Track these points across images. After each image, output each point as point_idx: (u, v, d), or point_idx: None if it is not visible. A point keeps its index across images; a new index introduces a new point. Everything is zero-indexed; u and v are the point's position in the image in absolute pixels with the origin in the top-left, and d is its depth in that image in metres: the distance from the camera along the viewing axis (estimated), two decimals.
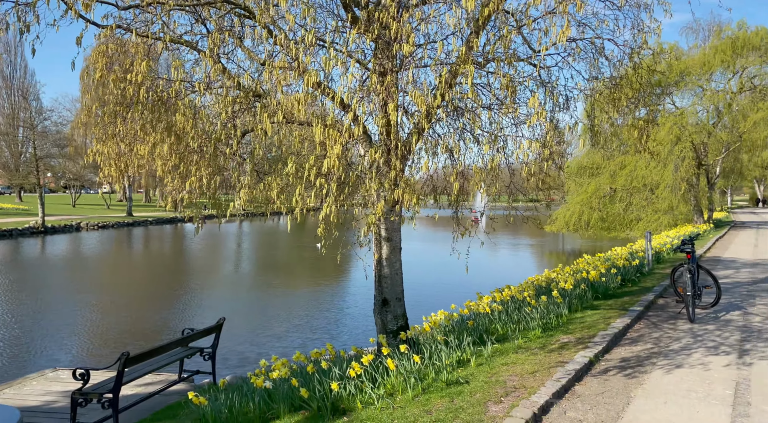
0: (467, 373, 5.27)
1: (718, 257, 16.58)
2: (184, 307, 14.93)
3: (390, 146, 5.84)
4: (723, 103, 31.00)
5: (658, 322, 7.95)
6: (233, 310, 13.93)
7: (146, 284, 19.28)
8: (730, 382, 5.33)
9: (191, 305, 15.07)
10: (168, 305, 15.07)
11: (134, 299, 16.15)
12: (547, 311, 7.57)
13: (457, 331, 6.64)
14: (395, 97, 4.62)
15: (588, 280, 9.78)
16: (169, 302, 15.59)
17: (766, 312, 8.59)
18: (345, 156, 5.22)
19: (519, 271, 20.45)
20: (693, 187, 31.20)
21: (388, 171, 6.05)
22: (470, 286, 12.55)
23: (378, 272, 6.83)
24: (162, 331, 11.83)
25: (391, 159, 4.78)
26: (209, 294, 16.81)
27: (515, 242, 37.26)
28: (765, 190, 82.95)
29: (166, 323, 12.48)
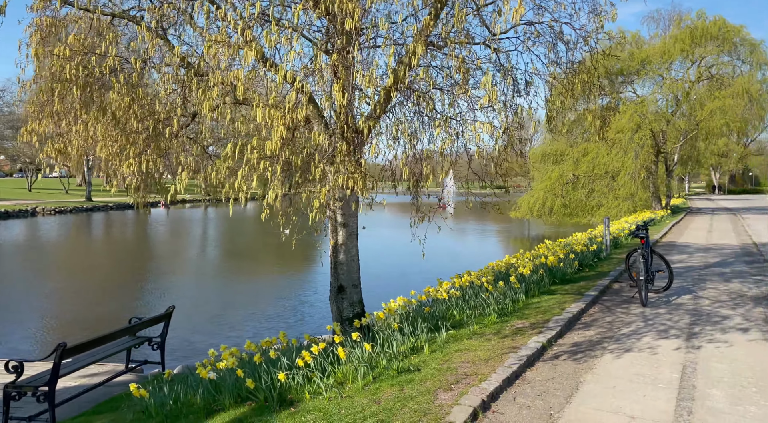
0: (420, 361, 5.20)
1: (674, 242, 17.02)
2: (138, 294, 14.51)
3: (344, 129, 5.68)
4: (681, 92, 31.73)
5: (611, 306, 8.06)
6: (189, 297, 13.61)
7: (100, 271, 18.69)
8: (678, 365, 5.41)
9: (146, 293, 14.66)
10: (122, 293, 14.63)
11: (86, 287, 15.63)
12: (504, 297, 7.57)
13: (413, 318, 6.57)
14: (341, 76, 4.44)
15: (546, 265, 9.86)
16: (124, 290, 15.14)
17: (715, 296, 8.81)
18: (294, 138, 5.04)
19: (483, 256, 20.57)
20: (652, 174, 31.98)
21: (342, 155, 5.90)
22: (434, 272, 12.56)
23: (334, 259, 6.69)
24: (113, 319, 11.45)
25: (337, 142, 4.61)
26: (165, 281, 16.39)
27: (482, 228, 37.60)
28: (721, 178, 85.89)
29: (117, 312, 12.07)
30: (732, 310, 7.83)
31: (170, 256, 22.90)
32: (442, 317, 6.96)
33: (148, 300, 13.69)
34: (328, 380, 4.72)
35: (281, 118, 3.98)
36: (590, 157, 32.39)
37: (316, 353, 4.88)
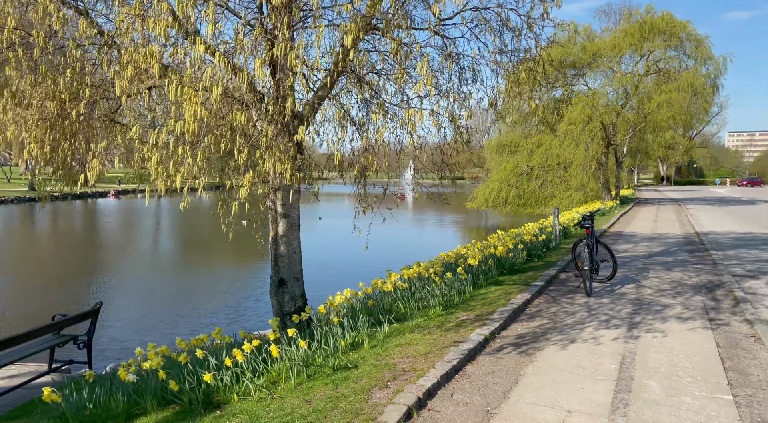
0: (359, 357, 5.01)
1: (621, 232, 17.42)
2: (73, 290, 13.78)
3: (283, 113, 5.40)
4: (631, 85, 32.55)
5: (557, 296, 8.08)
6: (127, 292, 13.00)
7: (34, 265, 17.74)
8: (617, 356, 5.41)
9: (82, 288, 13.94)
10: (55, 289, 13.84)
11: (17, 282, 14.79)
12: (450, 288, 7.47)
13: (357, 311, 6.38)
14: (265, 53, 4.15)
15: (495, 256, 9.84)
16: (57, 285, 14.34)
17: (657, 285, 8.97)
18: (223, 121, 4.73)
19: (438, 246, 20.61)
20: (602, 165, 32.77)
21: (280, 141, 5.62)
22: (388, 263, 12.44)
23: (274, 251, 6.42)
24: (42, 317, 10.84)
25: (263, 125, 4.33)
26: (104, 275, 15.67)
27: (440, 219, 37.77)
28: (668, 169, 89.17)
29: (48, 309, 11.42)
30: (672, 298, 7.97)
31: (110, 248, 21.98)
32: (387, 310, 6.80)
33: (82, 295, 13.02)
34: (259, 380, 4.47)
35: (194, 95, 3.66)
36: (544, 148, 32.93)
37: (248, 351, 4.61)
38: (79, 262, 17.96)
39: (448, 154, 7.41)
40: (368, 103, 7.37)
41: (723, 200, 38.97)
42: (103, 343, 8.14)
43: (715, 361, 5.30)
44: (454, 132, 7.56)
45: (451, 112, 7.37)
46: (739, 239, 15.46)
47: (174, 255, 19.90)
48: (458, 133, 7.55)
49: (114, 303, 11.63)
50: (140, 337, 8.91)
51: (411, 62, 5.16)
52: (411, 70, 5.90)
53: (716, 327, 6.50)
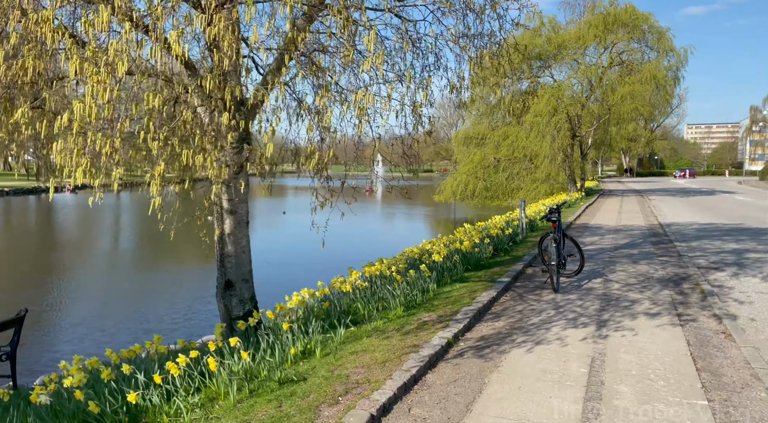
0: (309, 368, 4.57)
1: (587, 224, 17.37)
2: (5, 295, 12.90)
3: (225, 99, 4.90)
4: (595, 77, 32.74)
5: (524, 293, 7.78)
6: (67, 294, 12.14)
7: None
8: (586, 358, 5.10)
9: (16, 292, 13.06)
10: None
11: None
12: (412, 287, 7.08)
13: (311, 315, 5.93)
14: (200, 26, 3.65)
15: (461, 251, 9.50)
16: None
17: (624, 278, 8.77)
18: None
19: (402, 241, 20.30)
20: (568, 157, 32.97)
21: (222, 135, 5.12)
22: (350, 260, 12.02)
23: (220, 250, 5.91)
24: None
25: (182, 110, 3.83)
26: (41, 277, 14.74)
27: (409, 212, 37.51)
28: (630, 161, 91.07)
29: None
30: (640, 293, 7.76)
31: (53, 247, 20.85)
32: (345, 312, 6.37)
33: (12, 300, 12.17)
34: (194, 398, 3.98)
35: (95, 73, 3.12)
36: (510, 140, 32.92)
37: (183, 365, 4.12)
38: (13, 263, 16.95)
39: (408, 145, 6.98)
40: (322, 88, 6.90)
41: (683, 191, 39.82)
42: (32, 354, 7.46)
43: (686, 361, 5.05)
44: (414, 121, 7.15)
45: (411, 100, 6.97)
46: (702, 230, 15.56)
47: (121, 254, 18.91)
48: (419, 122, 7.15)
49: (51, 308, 10.83)
50: (74, 346, 8.22)
51: (362, 40, 4.71)
52: (366, 52, 5.46)
53: (685, 323, 6.29)
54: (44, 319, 9.85)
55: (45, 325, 9.34)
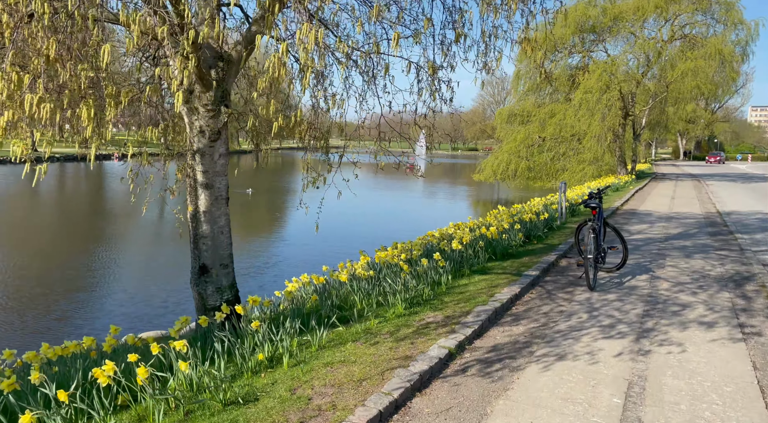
0: (268, 382, 3.73)
1: (635, 210, 15.90)
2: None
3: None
4: (653, 52, 30.36)
5: (553, 290, 6.72)
6: (37, 278, 11.22)
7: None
8: (621, 382, 4.08)
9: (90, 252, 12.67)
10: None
11: None
12: (420, 280, 6.14)
13: (300, 309, 5.10)
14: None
15: (486, 237, 8.47)
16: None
17: (674, 276, 7.58)
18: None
19: (432, 222, 19.31)
20: (619, 137, 30.92)
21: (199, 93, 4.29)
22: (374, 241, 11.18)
23: (194, 230, 5.12)
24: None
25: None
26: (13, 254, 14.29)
27: (451, 191, 36.42)
28: (687, 144, 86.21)
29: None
30: (693, 295, 6.59)
31: (42, 221, 20.56)
32: (339, 307, 5.50)
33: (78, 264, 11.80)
34: (112, 419, 3.21)
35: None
36: (557, 118, 31.12)
37: (110, 373, 3.34)
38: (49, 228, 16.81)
39: (422, 116, 5.98)
40: (329, 50, 5.96)
41: (745, 177, 37.00)
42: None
43: (753, 393, 3.96)
44: (431, 88, 6.14)
45: (431, 64, 5.95)
46: (767, 221, 13.92)
47: (103, 230, 17.94)
48: (434, 89, 6.13)
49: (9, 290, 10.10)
50: (26, 338, 7.50)
51: None
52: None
53: (749, 337, 5.14)
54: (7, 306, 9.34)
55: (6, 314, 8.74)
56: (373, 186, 37.85)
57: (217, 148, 5.04)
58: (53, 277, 10.95)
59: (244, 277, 10.62)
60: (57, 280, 10.67)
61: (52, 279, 10.77)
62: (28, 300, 9.40)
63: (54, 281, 10.60)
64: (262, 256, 13.36)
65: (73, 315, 8.69)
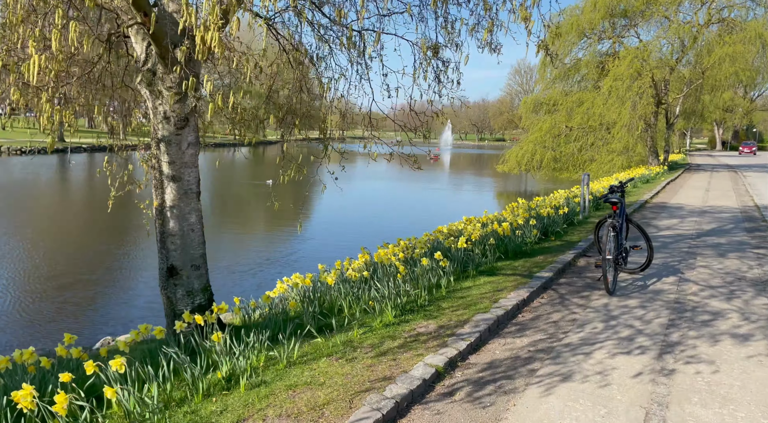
0: (217, 409, 3.22)
1: (665, 203, 14.98)
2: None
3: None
4: (688, 37, 28.94)
5: (567, 294, 6.08)
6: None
7: None
8: (638, 411, 3.46)
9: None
10: None
11: None
12: (416, 282, 5.57)
13: (271, 318, 4.60)
14: None
15: (497, 234, 7.85)
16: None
17: (705, 278, 6.84)
18: None
19: (447, 216, 18.67)
20: (650, 127, 29.63)
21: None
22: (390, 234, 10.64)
23: (161, 227, 4.65)
24: None
25: None
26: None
27: (476, 182, 35.68)
28: (724, 134, 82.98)
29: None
30: (727, 301, 5.87)
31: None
32: (324, 313, 4.99)
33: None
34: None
35: None
36: (585, 107, 30.00)
37: (29, 398, 2.89)
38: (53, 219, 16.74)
39: (414, 102, 5.40)
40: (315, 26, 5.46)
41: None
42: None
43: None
44: (433, 71, 5.55)
45: (434, 44, 5.36)
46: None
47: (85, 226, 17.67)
48: (437, 71, 5.53)
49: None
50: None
51: None
52: None
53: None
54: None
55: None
56: (398, 177, 37.30)
57: (184, 136, 4.55)
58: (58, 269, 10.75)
59: (243, 275, 10.22)
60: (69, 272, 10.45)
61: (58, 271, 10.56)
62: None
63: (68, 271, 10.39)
64: (267, 252, 12.95)
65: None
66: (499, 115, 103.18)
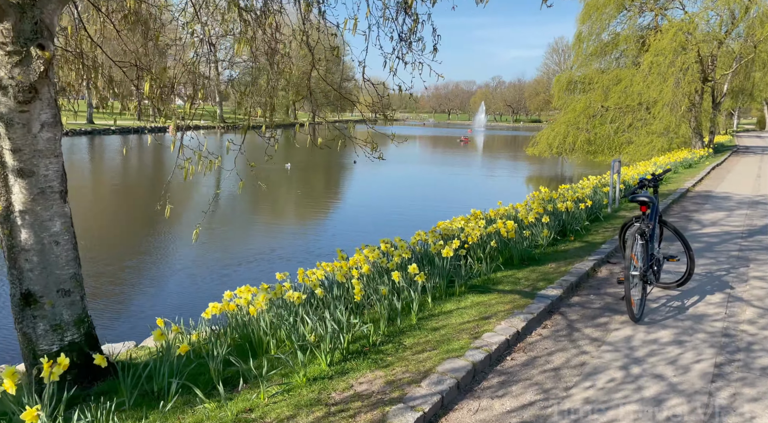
0: None
1: (710, 192, 13.20)
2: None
3: None
4: (739, 7, 26.42)
5: (578, 320, 4.69)
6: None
7: None
8: None
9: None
10: None
11: None
12: (379, 306, 4.29)
13: (164, 361, 3.41)
14: None
15: (500, 235, 6.48)
16: None
17: (763, 295, 5.35)
18: None
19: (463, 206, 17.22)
20: (695, 106, 27.30)
21: None
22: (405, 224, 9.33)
23: (9, 240, 3.45)
24: None
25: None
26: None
27: (511, 166, 34.03)
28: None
29: None
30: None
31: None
32: (244, 350, 3.77)
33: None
34: None
35: None
36: (623, 85, 27.86)
37: None
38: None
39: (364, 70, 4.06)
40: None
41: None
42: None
43: None
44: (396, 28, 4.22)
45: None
46: None
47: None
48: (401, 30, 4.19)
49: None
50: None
51: None
52: None
53: None
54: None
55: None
56: (427, 160, 35.85)
57: (35, 114, 3.34)
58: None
59: (230, 270, 9.10)
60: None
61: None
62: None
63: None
64: (272, 244, 11.82)
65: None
66: (535, 96, 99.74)
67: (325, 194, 19.82)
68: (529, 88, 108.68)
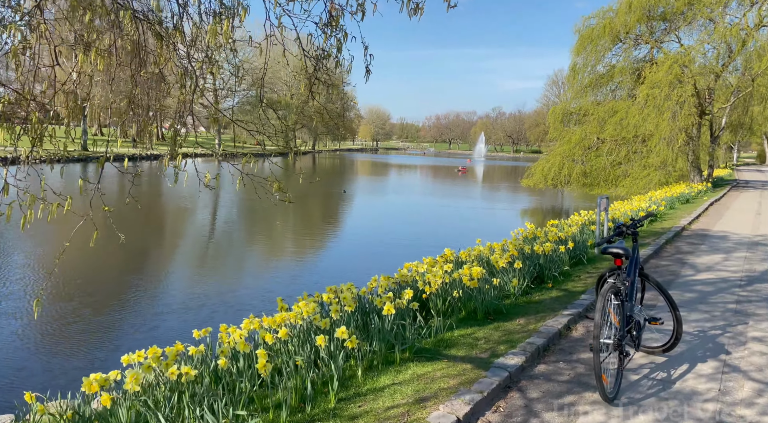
0: None
1: (707, 231, 12.40)
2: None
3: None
4: (736, 41, 26.03)
5: (539, 400, 3.84)
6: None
7: None
8: None
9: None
10: None
11: None
12: (294, 383, 3.46)
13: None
14: None
15: (464, 285, 5.67)
16: None
17: (763, 364, 4.51)
18: None
19: (455, 238, 16.45)
20: (692, 139, 26.70)
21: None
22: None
23: None
24: None
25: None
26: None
27: (510, 198, 33.42)
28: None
29: None
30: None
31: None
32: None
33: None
34: None
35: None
36: (618, 117, 27.38)
37: None
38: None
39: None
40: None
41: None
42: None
43: None
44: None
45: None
46: None
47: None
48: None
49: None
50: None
51: None
52: None
53: None
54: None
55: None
56: (426, 191, 35.23)
57: None
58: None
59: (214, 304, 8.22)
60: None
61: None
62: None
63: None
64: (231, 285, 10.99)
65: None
66: (535, 127, 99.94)
67: (304, 229, 19.02)
68: (529, 119, 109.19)
